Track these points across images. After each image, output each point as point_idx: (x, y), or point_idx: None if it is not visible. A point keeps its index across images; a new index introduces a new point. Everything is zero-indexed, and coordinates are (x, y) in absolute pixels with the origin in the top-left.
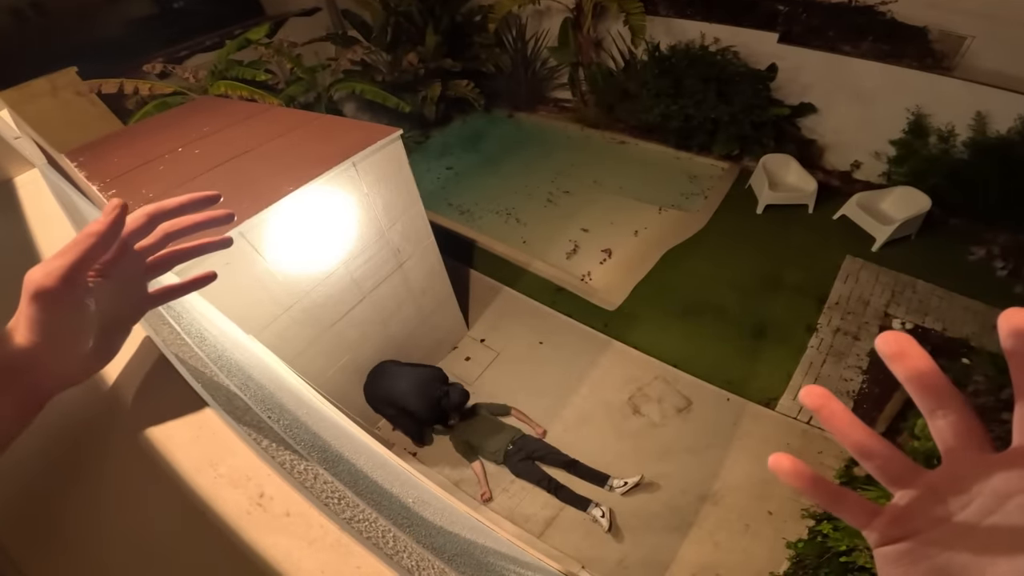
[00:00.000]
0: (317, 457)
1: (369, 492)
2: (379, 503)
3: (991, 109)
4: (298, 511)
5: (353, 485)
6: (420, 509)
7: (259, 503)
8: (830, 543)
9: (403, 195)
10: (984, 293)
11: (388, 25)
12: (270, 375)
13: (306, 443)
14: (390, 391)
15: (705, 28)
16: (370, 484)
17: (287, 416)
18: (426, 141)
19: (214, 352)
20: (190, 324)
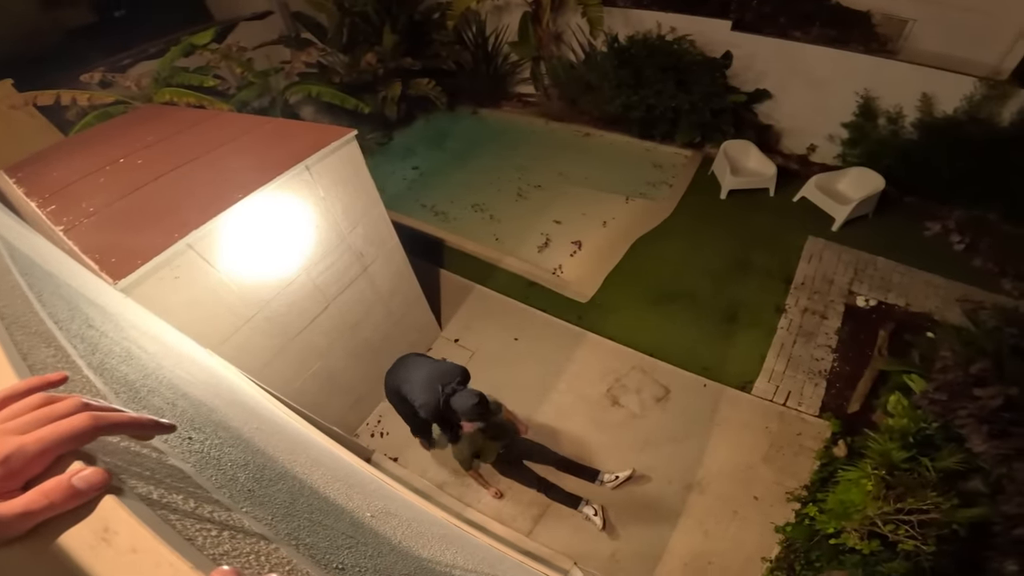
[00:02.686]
0: (244, 478)
1: (305, 512)
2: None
3: (936, 90)
4: (146, 547)
5: (285, 506)
6: (379, 523)
7: (104, 538)
8: (818, 526)
9: (363, 197)
10: (943, 267)
11: (343, 26)
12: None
13: (234, 463)
14: (402, 381)
15: (661, 18)
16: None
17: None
18: (389, 142)
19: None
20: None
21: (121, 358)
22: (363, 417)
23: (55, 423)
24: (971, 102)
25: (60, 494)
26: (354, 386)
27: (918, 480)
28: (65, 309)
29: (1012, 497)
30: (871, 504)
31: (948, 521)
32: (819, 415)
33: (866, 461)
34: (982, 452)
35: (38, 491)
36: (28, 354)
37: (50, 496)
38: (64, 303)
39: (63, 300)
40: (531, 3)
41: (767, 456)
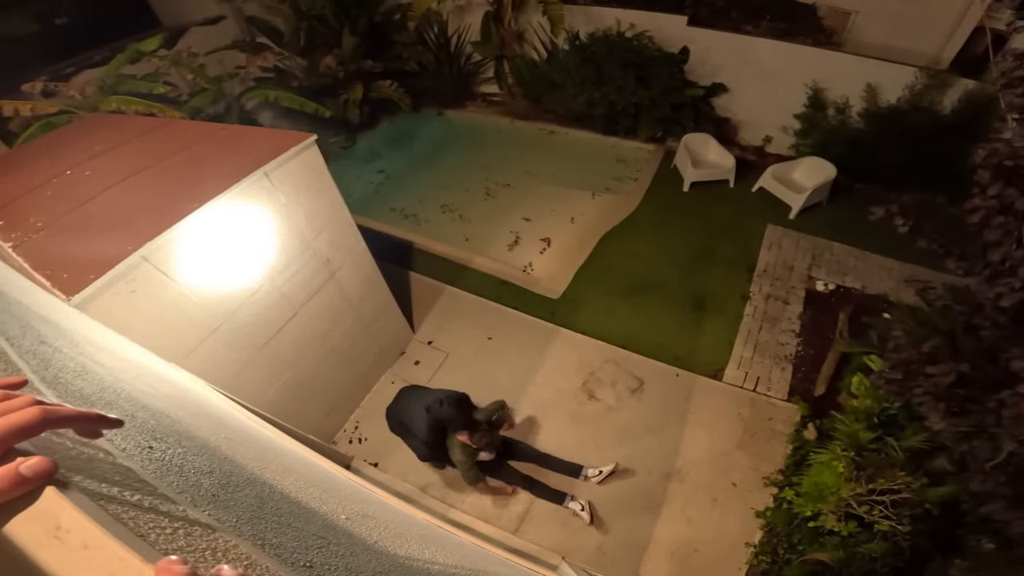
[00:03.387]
0: (208, 484)
1: (272, 515)
2: (286, 525)
3: (880, 80)
4: (97, 543)
5: (252, 510)
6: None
7: (55, 535)
8: (796, 509)
9: (326, 202)
10: (893, 250)
11: (301, 29)
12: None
13: (197, 470)
14: (402, 410)
15: (620, 14)
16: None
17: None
18: (353, 146)
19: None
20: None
21: (76, 373)
22: (340, 424)
23: (6, 416)
24: (913, 91)
25: (8, 481)
26: (328, 393)
27: (886, 460)
28: (16, 326)
29: (976, 474)
30: (844, 486)
31: (920, 500)
32: (788, 399)
33: (835, 443)
34: (942, 430)
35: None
36: None
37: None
38: (15, 320)
39: (13, 318)
40: (492, 2)
41: (741, 442)
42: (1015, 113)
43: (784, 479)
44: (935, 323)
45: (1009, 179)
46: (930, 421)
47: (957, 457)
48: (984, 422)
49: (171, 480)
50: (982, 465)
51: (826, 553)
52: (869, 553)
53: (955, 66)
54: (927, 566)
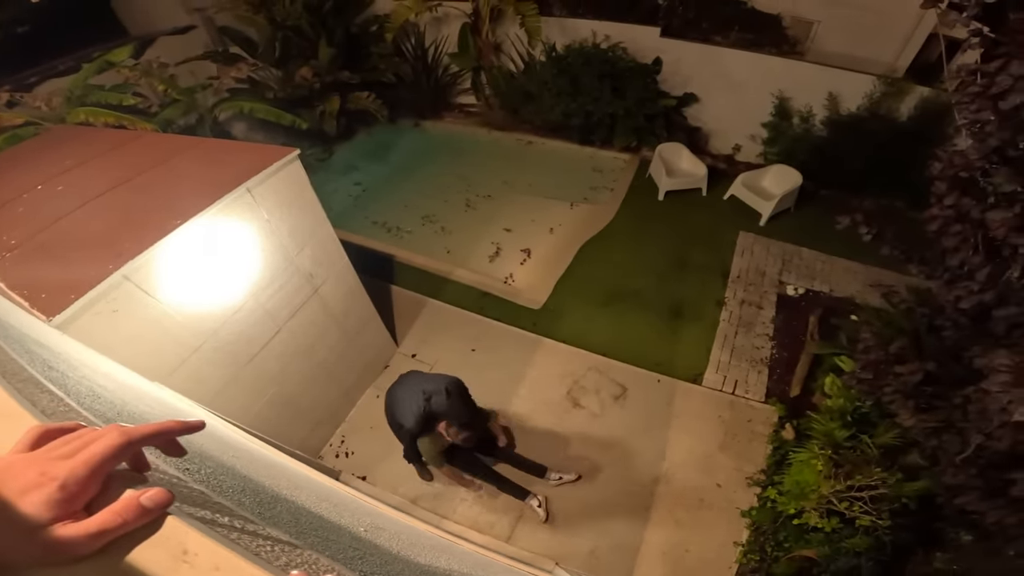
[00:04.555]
0: (249, 503)
1: (313, 529)
2: (325, 539)
3: (840, 89)
4: (228, 565)
5: (294, 525)
6: (374, 536)
7: (184, 560)
8: (780, 507)
9: (309, 217)
10: (858, 254)
11: (276, 40)
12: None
13: (234, 489)
14: (393, 405)
15: (596, 26)
16: (314, 520)
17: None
18: (329, 158)
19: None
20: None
21: (91, 397)
22: (326, 439)
23: (93, 444)
24: (871, 99)
25: (132, 512)
26: (313, 408)
27: (862, 457)
28: (23, 352)
29: (947, 468)
30: (824, 483)
31: (897, 495)
32: (765, 401)
33: (813, 442)
34: (912, 426)
35: (109, 511)
36: (35, 400)
37: (123, 515)
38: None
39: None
40: (470, 14)
41: (724, 444)
42: (970, 127)
43: (766, 478)
44: (900, 324)
45: (964, 189)
46: (901, 418)
47: (928, 452)
48: (951, 417)
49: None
50: (952, 459)
51: (812, 549)
52: (853, 548)
53: (910, 74)
54: (910, 559)
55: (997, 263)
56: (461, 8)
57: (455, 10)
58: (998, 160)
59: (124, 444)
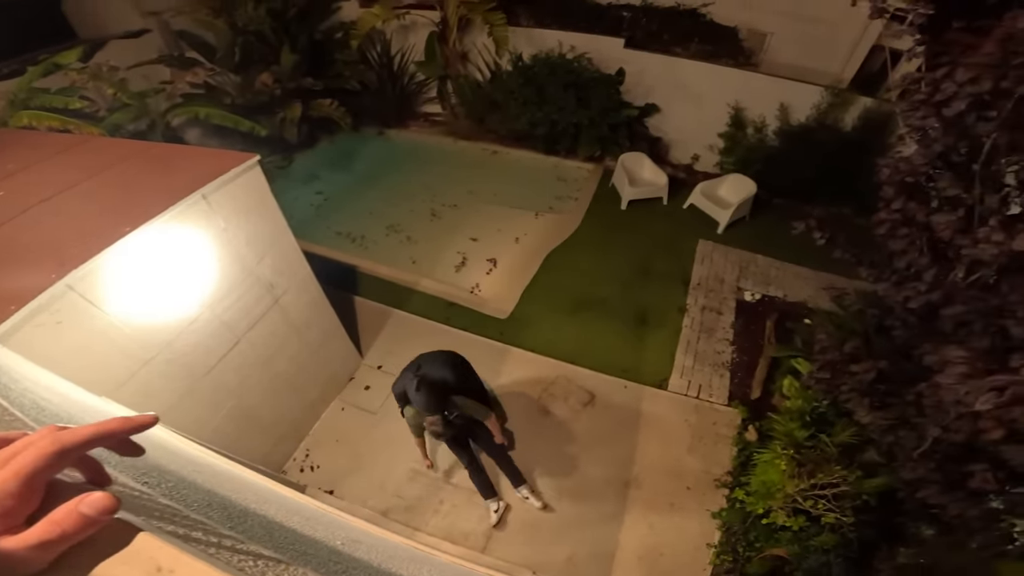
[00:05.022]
0: (219, 517)
1: (290, 544)
2: (305, 553)
3: (791, 100)
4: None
5: (268, 539)
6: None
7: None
8: (748, 508)
9: (269, 226)
10: (811, 260)
11: (236, 45)
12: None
13: (200, 503)
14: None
15: (562, 36)
16: (288, 534)
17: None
18: (290, 166)
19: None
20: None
21: (36, 410)
22: (289, 453)
23: (23, 452)
24: (819, 110)
25: (72, 521)
26: (275, 422)
27: (822, 456)
28: None
29: (905, 463)
30: (788, 483)
31: (857, 492)
32: (728, 404)
33: (775, 442)
34: (869, 423)
35: (47, 521)
36: None
37: (61, 524)
38: None
39: None
40: (438, 23)
41: (691, 447)
42: (914, 134)
43: (734, 480)
44: (851, 326)
45: (911, 194)
46: (858, 415)
47: (884, 449)
48: (905, 414)
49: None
50: (910, 454)
51: (782, 548)
52: (821, 545)
53: (855, 84)
54: (876, 555)
55: (943, 264)
56: (429, 17)
57: (423, 18)
58: (942, 165)
59: (57, 452)
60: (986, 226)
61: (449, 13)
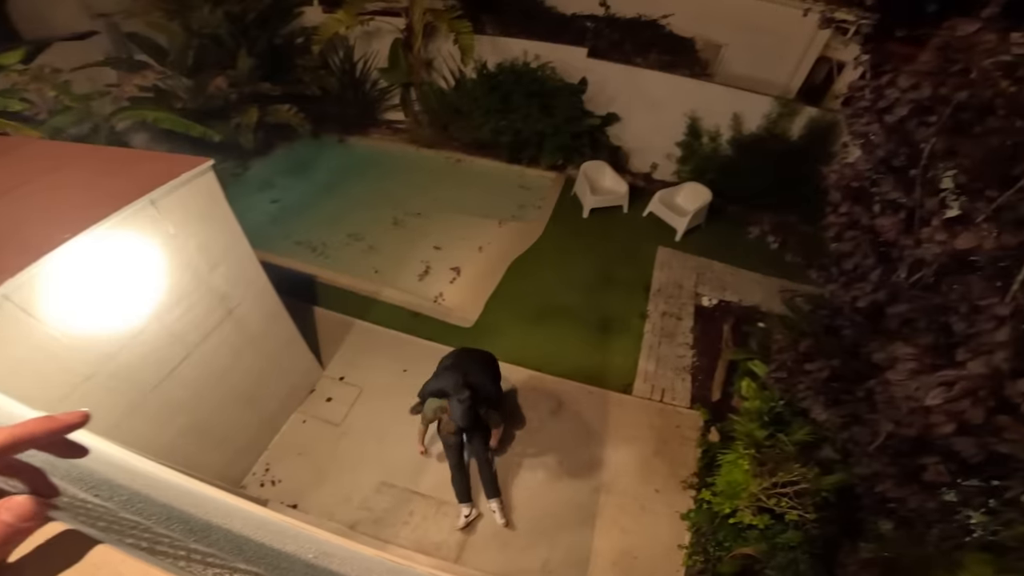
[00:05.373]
0: (181, 530)
1: (260, 558)
2: (278, 567)
3: (744, 109)
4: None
5: (238, 553)
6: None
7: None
8: (715, 508)
9: (223, 234)
10: (764, 265)
11: (190, 48)
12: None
13: (159, 516)
14: (455, 364)
15: (527, 45)
16: (257, 548)
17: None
18: (244, 173)
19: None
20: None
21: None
22: (247, 468)
23: None
24: (769, 119)
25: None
26: (231, 436)
27: (782, 455)
28: None
29: (860, 459)
30: (752, 482)
31: (817, 489)
32: (691, 407)
33: (737, 443)
34: (825, 420)
35: None
36: None
37: None
38: None
39: None
40: (403, 30)
41: (657, 450)
42: (858, 140)
43: (700, 481)
44: (803, 327)
45: (856, 198)
46: (814, 413)
47: (840, 445)
48: (858, 410)
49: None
50: (864, 449)
51: (751, 547)
52: (787, 543)
53: (801, 95)
54: (840, 551)
55: (887, 265)
56: (394, 23)
57: (388, 25)
58: (884, 170)
59: None
60: (928, 227)
61: (415, 20)
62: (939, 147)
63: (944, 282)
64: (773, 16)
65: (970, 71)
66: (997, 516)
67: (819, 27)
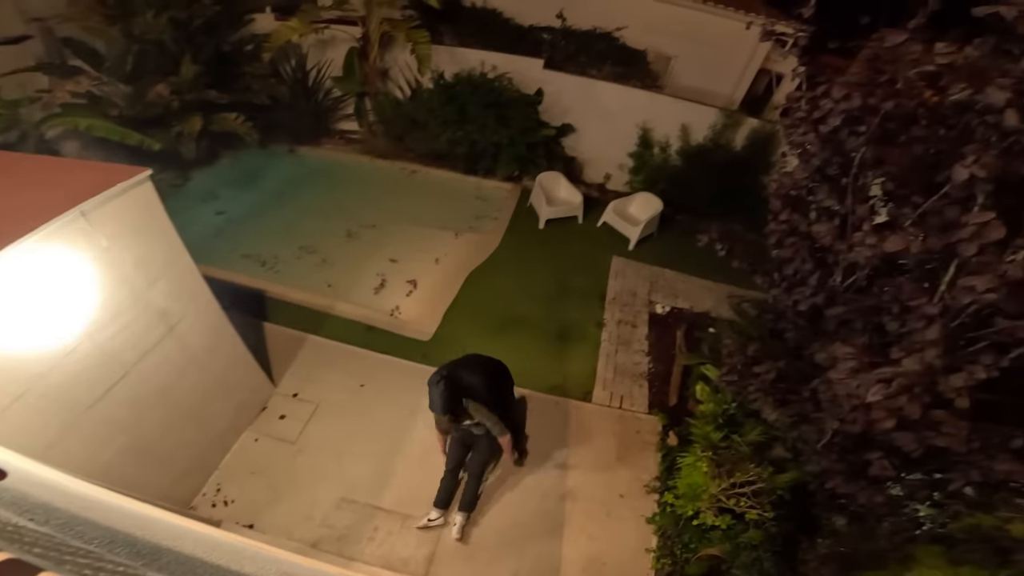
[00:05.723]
0: (126, 554)
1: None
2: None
3: (692, 121)
4: None
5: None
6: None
7: None
8: (679, 511)
9: (162, 248)
10: (713, 272)
11: (129, 54)
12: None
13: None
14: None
15: (485, 56)
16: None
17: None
18: (186, 183)
19: None
20: None
21: None
22: (196, 488)
23: None
24: (715, 130)
25: None
26: (176, 456)
27: (737, 455)
28: None
29: (810, 457)
30: (711, 483)
31: (773, 488)
32: (649, 412)
33: (695, 446)
34: (775, 420)
35: None
36: None
37: None
38: None
39: None
40: (359, 39)
41: (620, 456)
42: (795, 149)
43: (662, 484)
44: (751, 331)
45: (794, 206)
46: (764, 414)
47: (790, 444)
48: (804, 409)
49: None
50: (813, 447)
51: (716, 547)
52: (750, 542)
53: (744, 106)
54: (799, 548)
55: (824, 269)
56: (350, 32)
57: (343, 34)
58: (820, 178)
59: None
60: (860, 232)
61: (371, 29)
62: (868, 156)
63: (876, 284)
64: (719, 29)
65: (896, 81)
66: (944, 509)
67: (760, 40)
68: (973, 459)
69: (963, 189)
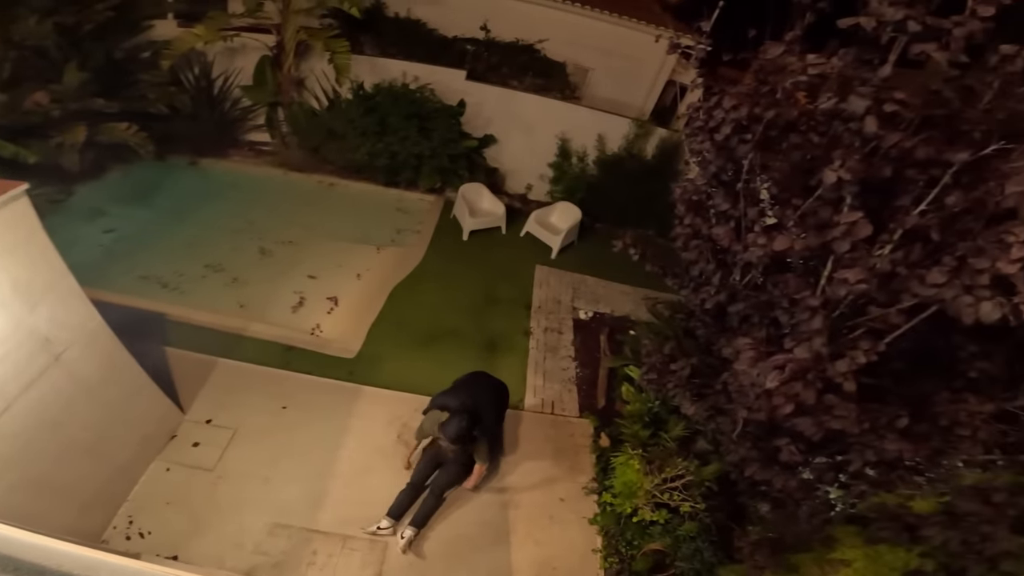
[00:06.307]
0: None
1: None
2: None
3: (607, 131)
4: None
5: None
6: None
7: None
8: (618, 509)
9: (43, 269)
10: (629, 277)
11: (6, 60)
12: None
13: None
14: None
15: (406, 67)
16: None
17: None
18: (68, 199)
19: None
20: None
21: None
22: (104, 522)
23: None
24: (628, 140)
25: None
26: (76, 489)
27: (665, 451)
28: None
29: (728, 447)
30: (645, 480)
31: (700, 480)
32: (580, 415)
33: (626, 445)
34: (694, 414)
35: None
36: None
37: None
38: None
39: None
40: (272, 47)
41: (555, 460)
42: (696, 157)
43: (599, 485)
44: (666, 331)
45: (696, 211)
46: (684, 409)
47: (710, 436)
48: (718, 402)
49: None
50: (730, 437)
51: (658, 542)
52: (687, 534)
53: (653, 117)
54: (732, 536)
55: (725, 269)
56: (262, 40)
57: (255, 41)
58: (716, 184)
59: None
60: (752, 233)
61: (287, 38)
62: (756, 162)
63: (769, 281)
64: (631, 42)
65: (776, 92)
66: (850, 489)
67: (667, 52)
68: (866, 440)
69: (833, 191)
